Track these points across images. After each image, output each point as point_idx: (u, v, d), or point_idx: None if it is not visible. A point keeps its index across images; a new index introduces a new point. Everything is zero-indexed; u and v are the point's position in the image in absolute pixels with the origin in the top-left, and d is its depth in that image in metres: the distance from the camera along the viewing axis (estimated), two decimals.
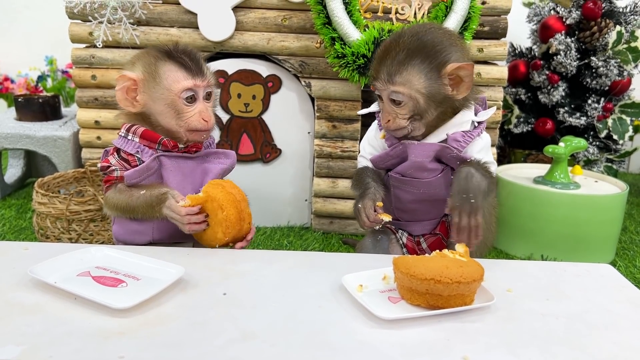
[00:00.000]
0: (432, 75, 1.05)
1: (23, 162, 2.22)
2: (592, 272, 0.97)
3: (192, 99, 1.08)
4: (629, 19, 2.21)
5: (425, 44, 1.05)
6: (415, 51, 1.05)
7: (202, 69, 1.09)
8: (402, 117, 1.08)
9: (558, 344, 0.72)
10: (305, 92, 1.77)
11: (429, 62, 1.04)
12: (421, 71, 1.05)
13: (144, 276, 0.86)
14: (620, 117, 2.25)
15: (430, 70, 1.04)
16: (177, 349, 0.68)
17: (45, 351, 0.66)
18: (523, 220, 1.70)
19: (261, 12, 1.70)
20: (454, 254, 0.84)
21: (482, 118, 1.13)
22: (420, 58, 1.04)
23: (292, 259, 0.97)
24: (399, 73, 1.05)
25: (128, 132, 1.11)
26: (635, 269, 1.64)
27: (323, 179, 1.79)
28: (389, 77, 1.07)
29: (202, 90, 1.09)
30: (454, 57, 1.05)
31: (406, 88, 1.06)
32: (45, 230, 1.54)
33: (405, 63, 1.05)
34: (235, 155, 1.19)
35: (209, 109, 1.11)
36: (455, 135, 1.10)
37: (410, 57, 1.05)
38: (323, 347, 0.69)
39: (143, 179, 1.09)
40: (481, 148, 1.13)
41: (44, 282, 0.81)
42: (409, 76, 1.05)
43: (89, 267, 0.88)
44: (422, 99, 1.06)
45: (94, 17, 1.67)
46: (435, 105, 1.07)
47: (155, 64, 1.07)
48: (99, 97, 1.75)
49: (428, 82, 1.05)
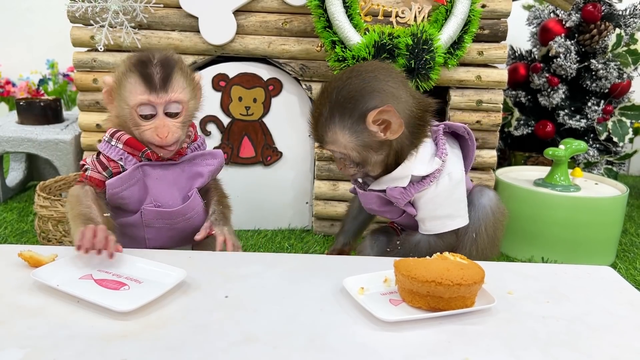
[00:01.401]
0: (357, 127, 1.03)
1: (24, 166, 2.22)
2: (593, 275, 0.97)
3: (149, 114, 1.03)
4: (629, 22, 2.21)
5: (341, 100, 1.03)
6: (333, 110, 1.03)
7: (167, 85, 1.02)
8: (349, 167, 1.10)
9: (559, 346, 0.73)
10: (306, 95, 1.77)
11: (348, 117, 1.02)
12: (344, 128, 1.03)
13: (146, 279, 0.86)
14: (620, 119, 2.26)
15: (352, 124, 1.03)
16: (180, 351, 0.68)
17: (49, 354, 0.66)
18: (523, 222, 1.70)
19: (262, 15, 1.70)
20: (454, 257, 0.85)
21: (423, 172, 1.08)
22: (339, 116, 1.03)
23: (293, 262, 0.98)
24: (325, 134, 1.06)
25: (112, 138, 1.08)
26: (635, 271, 1.64)
27: (324, 181, 1.80)
28: (319, 138, 1.08)
29: (161, 106, 1.02)
30: (372, 103, 1.02)
31: (336, 146, 1.06)
32: (47, 234, 1.55)
33: (328, 123, 1.04)
34: (222, 154, 1.17)
35: (172, 124, 1.04)
36: (393, 192, 1.10)
37: (331, 116, 1.04)
38: (325, 349, 0.70)
39: (125, 188, 1.06)
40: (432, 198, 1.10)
41: (47, 285, 0.81)
42: (335, 136, 1.05)
43: (91, 270, 0.88)
44: (355, 152, 1.05)
45: (95, 20, 1.68)
46: (374, 152, 1.06)
47: (124, 73, 1.03)
48: (100, 100, 1.75)
49: (355, 136, 1.03)
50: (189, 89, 1.07)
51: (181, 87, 1.04)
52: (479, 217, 1.14)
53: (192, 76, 1.10)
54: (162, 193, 1.09)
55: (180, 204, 1.10)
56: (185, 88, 1.05)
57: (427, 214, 1.12)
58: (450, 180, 1.10)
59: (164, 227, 1.10)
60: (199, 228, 1.12)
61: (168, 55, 1.06)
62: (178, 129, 1.05)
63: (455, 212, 1.12)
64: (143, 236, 1.11)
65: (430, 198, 1.10)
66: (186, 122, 1.08)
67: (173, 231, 1.12)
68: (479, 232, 1.13)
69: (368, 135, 1.03)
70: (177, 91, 1.03)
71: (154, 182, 1.09)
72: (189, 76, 1.08)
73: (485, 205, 1.14)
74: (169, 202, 1.09)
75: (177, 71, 1.05)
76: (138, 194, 1.08)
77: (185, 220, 1.11)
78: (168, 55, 1.06)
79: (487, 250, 1.14)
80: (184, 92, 1.05)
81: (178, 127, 1.05)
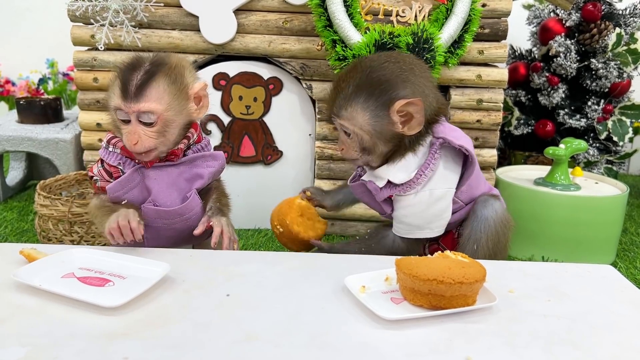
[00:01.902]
0: (380, 112, 1.03)
1: (25, 165, 2.22)
2: (593, 273, 0.97)
3: (125, 119, 1.03)
4: (629, 21, 2.21)
5: (373, 81, 1.03)
6: (362, 87, 1.03)
7: (140, 94, 1.00)
8: (353, 149, 1.09)
9: (560, 345, 0.73)
10: (306, 95, 1.77)
11: (374, 100, 1.03)
12: (366, 108, 1.03)
13: (130, 275, 0.86)
14: (620, 119, 2.26)
15: (376, 107, 1.03)
16: (181, 350, 0.68)
17: (50, 352, 0.66)
18: (524, 221, 1.70)
19: (262, 14, 1.70)
20: (456, 255, 0.85)
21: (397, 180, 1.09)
22: (366, 95, 1.03)
23: (294, 261, 0.98)
24: (345, 108, 1.05)
25: (108, 144, 1.09)
26: (636, 270, 1.64)
27: (324, 180, 1.80)
28: (337, 110, 1.07)
29: (133, 114, 1.01)
30: (403, 93, 1.02)
31: (351, 124, 1.05)
32: (47, 233, 1.55)
33: (351, 99, 1.04)
34: (223, 157, 1.17)
35: (143, 133, 1.02)
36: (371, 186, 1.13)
37: (357, 93, 1.04)
38: (326, 348, 0.70)
39: (126, 192, 1.07)
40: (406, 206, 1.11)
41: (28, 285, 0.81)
42: (354, 112, 1.04)
43: (72, 268, 0.88)
44: (367, 135, 1.05)
45: (95, 19, 1.67)
46: (384, 142, 1.06)
47: (114, 75, 1.05)
48: (100, 99, 1.75)
49: (374, 120, 1.03)
50: (169, 99, 1.03)
51: (158, 97, 1.01)
52: (481, 228, 1.12)
53: (184, 85, 1.06)
54: (160, 193, 1.09)
55: (178, 204, 1.10)
56: (163, 98, 1.02)
57: (399, 217, 1.14)
58: (430, 196, 1.10)
59: (162, 227, 1.10)
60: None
61: (161, 61, 1.04)
62: (151, 138, 1.02)
63: (426, 225, 1.12)
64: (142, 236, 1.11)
65: (406, 205, 1.11)
66: (164, 131, 1.04)
67: (171, 231, 1.11)
68: (480, 244, 1.12)
69: (387, 123, 1.03)
70: (150, 101, 1.00)
71: (152, 182, 1.09)
72: (177, 85, 1.04)
73: (488, 217, 1.12)
74: (167, 202, 1.09)
75: (160, 80, 1.02)
76: (140, 196, 1.09)
77: (184, 220, 1.11)
78: (160, 62, 1.04)
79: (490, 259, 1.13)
80: (159, 102, 1.01)
81: (151, 136, 1.02)
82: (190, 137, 1.11)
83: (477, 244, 1.12)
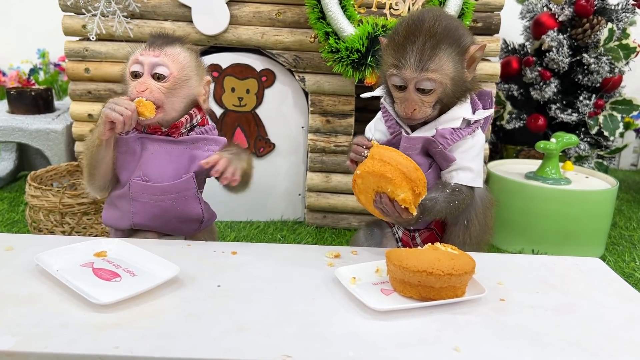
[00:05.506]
0: (457, 59, 1.06)
1: (15, 155, 2.20)
2: (582, 266, 0.98)
3: (138, 73, 1.08)
4: (621, 17, 2.22)
5: (449, 29, 1.05)
6: (442, 37, 1.04)
7: (161, 45, 1.09)
8: (428, 105, 1.08)
9: (547, 336, 0.73)
10: (299, 87, 1.77)
11: (455, 47, 1.05)
12: (449, 56, 1.05)
13: (141, 272, 0.86)
14: (611, 113, 2.27)
15: (456, 54, 1.06)
16: (172, 339, 0.68)
17: (40, 342, 0.66)
18: (514, 215, 1.71)
19: (255, 6, 1.70)
20: (445, 247, 0.85)
21: (476, 117, 1.12)
22: (447, 43, 1.05)
23: (285, 252, 0.98)
24: (431, 60, 1.04)
25: None
26: (624, 263, 1.66)
27: (316, 173, 1.80)
28: (420, 64, 1.04)
29: (148, 65, 1.07)
30: (470, 39, 1.08)
31: (438, 74, 1.04)
32: (38, 224, 1.54)
33: (437, 49, 1.04)
34: (225, 142, 1.16)
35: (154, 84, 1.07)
36: (444, 132, 1.10)
37: (440, 42, 1.04)
38: (316, 338, 0.70)
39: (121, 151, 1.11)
40: (468, 148, 1.12)
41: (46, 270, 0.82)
42: (441, 62, 1.04)
43: (93, 258, 0.90)
44: (450, 84, 1.06)
45: (87, 9, 1.66)
46: (455, 87, 1.08)
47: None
48: (92, 90, 1.74)
49: (454, 67, 1.06)
50: (183, 63, 1.10)
51: (175, 55, 1.10)
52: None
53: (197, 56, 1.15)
54: (153, 168, 1.10)
55: (169, 181, 1.10)
56: (178, 59, 1.10)
57: (464, 163, 1.12)
58: (480, 138, 1.14)
59: (148, 203, 1.11)
60: (186, 215, 1.13)
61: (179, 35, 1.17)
62: (159, 92, 1.07)
63: (481, 172, 1.15)
64: (129, 209, 1.12)
65: (466, 149, 1.12)
66: (173, 91, 1.09)
67: (157, 208, 1.12)
68: (470, 219, 1.14)
69: (461, 68, 1.07)
70: (168, 56, 1.08)
71: (148, 155, 1.10)
72: (192, 54, 1.14)
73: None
74: (158, 178, 1.10)
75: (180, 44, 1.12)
76: (131, 163, 1.11)
77: (172, 199, 1.11)
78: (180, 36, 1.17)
79: (480, 236, 1.15)
80: (175, 60, 1.09)
81: (160, 90, 1.07)
82: (193, 115, 1.13)
83: (467, 219, 1.14)
